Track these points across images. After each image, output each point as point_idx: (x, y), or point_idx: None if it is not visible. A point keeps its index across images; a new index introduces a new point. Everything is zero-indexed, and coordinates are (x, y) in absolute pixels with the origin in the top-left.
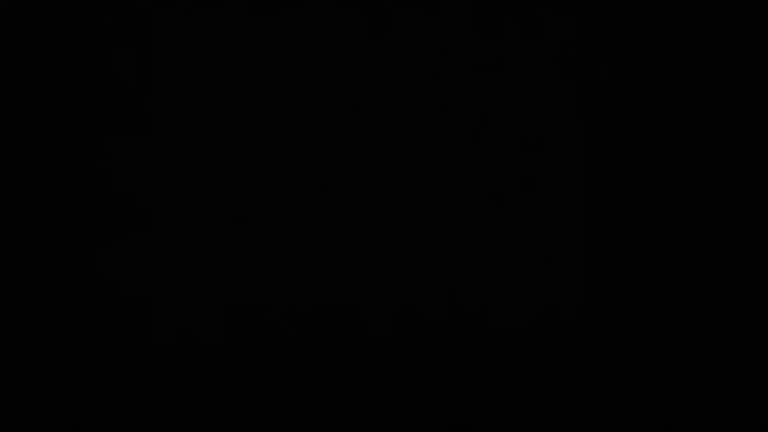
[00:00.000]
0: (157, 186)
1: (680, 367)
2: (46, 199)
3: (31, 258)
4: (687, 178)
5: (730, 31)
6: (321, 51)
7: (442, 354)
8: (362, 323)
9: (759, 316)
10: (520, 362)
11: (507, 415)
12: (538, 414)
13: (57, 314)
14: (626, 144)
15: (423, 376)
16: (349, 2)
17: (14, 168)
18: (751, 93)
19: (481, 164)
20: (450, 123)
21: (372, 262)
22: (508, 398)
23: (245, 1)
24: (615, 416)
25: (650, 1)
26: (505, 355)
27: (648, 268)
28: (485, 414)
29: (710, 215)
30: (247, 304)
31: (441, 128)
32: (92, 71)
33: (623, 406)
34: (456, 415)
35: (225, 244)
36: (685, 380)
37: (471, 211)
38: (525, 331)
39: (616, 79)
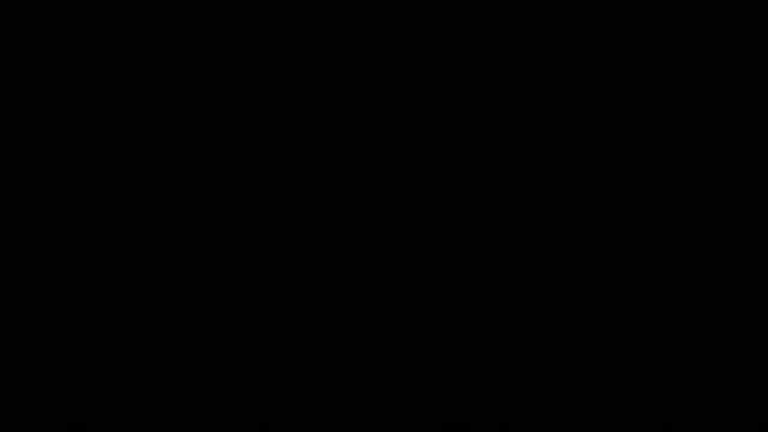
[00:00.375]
0: (157, 186)
1: (680, 367)
2: (47, 199)
3: (31, 258)
4: (687, 178)
5: (730, 31)
6: (321, 51)
7: (442, 354)
8: (362, 323)
9: (759, 316)
10: (520, 362)
11: (507, 415)
12: (538, 414)
13: (57, 314)
14: (626, 144)
15: (423, 376)
16: (349, 2)
17: (14, 168)
18: (751, 93)
19: (481, 164)
20: (450, 123)
21: (372, 262)
22: (508, 398)
23: (245, 1)
24: (615, 416)
25: (650, 1)
26: (505, 355)
27: (648, 269)
28: (485, 414)
29: (710, 215)
30: (247, 304)
31: (441, 128)
32: (92, 71)
33: (623, 406)
34: (456, 415)
35: (225, 244)
36: (685, 380)
37: (471, 211)
38: (525, 331)
39: (616, 79)
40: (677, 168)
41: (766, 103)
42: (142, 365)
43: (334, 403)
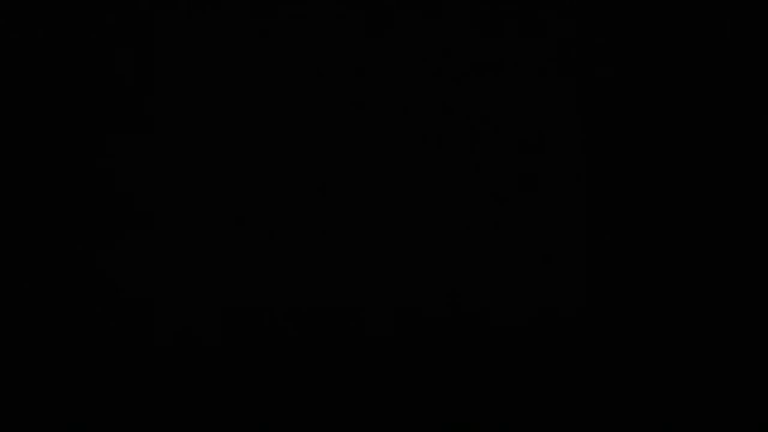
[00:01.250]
0: (157, 186)
1: (680, 367)
2: (47, 199)
3: (31, 258)
4: (687, 178)
5: (730, 31)
6: (321, 51)
7: (442, 354)
8: (362, 323)
9: (759, 316)
10: (520, 362)
11: (507, 415)
12: (539, 414)
13: (57, 314)
14: (626, 144)
15: (423, 376)
16: (349, 2)
17: (14, 168)
18: (751, 93)
19: (481, 164)
20: (450, 123)
21: (372, 262)
22: (508, 398)
23: (245, 0)
24: (615, 416)
25: (650, 1)
26: (505, 355)
27: (648, 268)
28: (485, 414)
29: (710, 215)
30: (247, 304)
31: (441, 128)
32: (92, 71)
33: (623, 406)
34: (456, 415)
35: (225, 244)
36: (685, 380)
37: (471, 211)
38: (525, 331)
39: (616, 79)
40: (677, 168)
41: (766, 103)
42: (142, 365)
43: (334, 403)
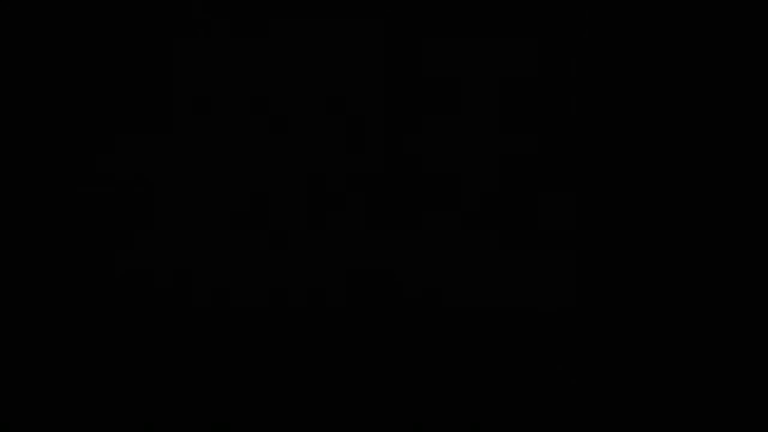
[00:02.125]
0: (156, 186)
1: (676, 367)
2: (47, 199)
3: (32, 258)
4: (682, 178)
5: (730, 31)
6: (321, 51)
7: (439, 354)
8: (362, 323)
9: (756, 316)
10: (516, 362)
11: (505, 415)
12: (535, 414)
13: (57, 314)
14: (617, 142)
15: (422, 376)
16: (350, 4)
17: (15, 168)
18: (751, 93)
19: (478, 164)
20: (449, 123)
21: (372, 262)
22: (506, 398)
23: (245, 1)
24: (611, 416)
25: (650, 1)
26: (503, 355)
27: (641, 268)
28: (483, 414)
29: (706, 215)
30: (247, 304)
31: (440, 128)
32: (94, 71)
33: (619, 406)
34: (453, 415)
35: (225, 244)
36: (682, 380)
37: (464, 210)
38: (520, 331)
39: (615, 79)
40: (672, 168)
41: (764, 105)
42: (141, 365)
43: (334, 402)
